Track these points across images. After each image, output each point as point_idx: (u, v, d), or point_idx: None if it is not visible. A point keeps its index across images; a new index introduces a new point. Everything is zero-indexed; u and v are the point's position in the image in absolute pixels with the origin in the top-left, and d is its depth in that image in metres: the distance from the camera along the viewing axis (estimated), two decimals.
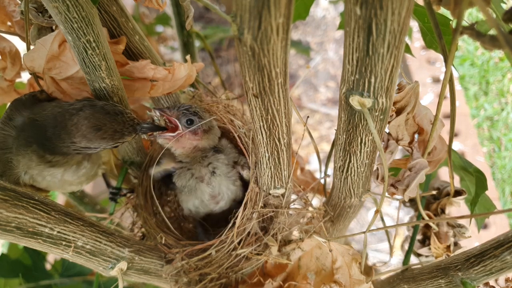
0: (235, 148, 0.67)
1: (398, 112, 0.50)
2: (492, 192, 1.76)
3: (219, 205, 0.66)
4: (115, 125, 0.51)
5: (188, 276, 0.59)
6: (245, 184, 0.66)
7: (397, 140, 0.52)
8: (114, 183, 0.71)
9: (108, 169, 0.68)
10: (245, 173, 0.63)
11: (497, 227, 1.67)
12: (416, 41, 2.12)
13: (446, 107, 0.49)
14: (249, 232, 0.58)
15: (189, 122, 0.59)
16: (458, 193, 0.60)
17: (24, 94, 0.57)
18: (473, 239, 1.45)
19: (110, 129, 0.51)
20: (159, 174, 0.66)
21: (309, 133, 0.59)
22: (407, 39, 0.37)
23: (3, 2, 0.58)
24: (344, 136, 0.45)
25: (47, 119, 0.51)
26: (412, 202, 0.65)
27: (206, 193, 0.64)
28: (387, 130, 0.51)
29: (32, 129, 0.52)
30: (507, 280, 0.54)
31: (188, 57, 0.59)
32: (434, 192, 0.61)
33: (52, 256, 0.90)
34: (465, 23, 0.34)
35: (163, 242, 0.62)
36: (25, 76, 0.63)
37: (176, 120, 0.58)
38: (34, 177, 0.55)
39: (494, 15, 0.52)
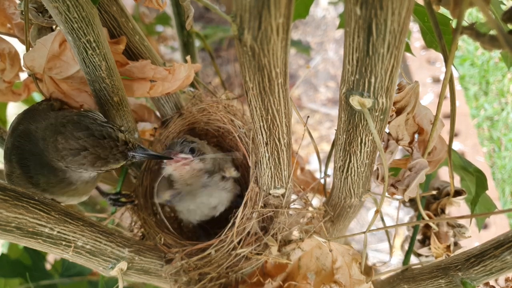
0: (218, 149, 0.70)
1: (398, 112, 0.50)
2: (492, 192, 1.76)
3: (219, 211, 0.68)
4: (98, 151, 0.44)
5: (187, 275, 0.59)
6: (236, 179, 0.69)
7: (397, 140, 0.52)
8: (105, 186, 0.70)
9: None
10: (227, 174, 0.65)
11: (497, 227, 1.67)
12: (416, 41, 2.12)
13: (446, 107, 0.49)
14: (249, 232, 0.58)
15: (191, 151, 0.61)
16: (458, 193, 0.60)
17: (39, 102, 0.55)
18: (473, 239, 1.45)
19: (91, 154, 0.44)
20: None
21: (309, 133, 0.59)
22: (407, 39, 0.37)
23: (3, 4, 0.58)
24: (344, 136, 0.45)
25: (40, 130, 0.48)
26: (412, 202, 0.65)
27: (206, 208, 0.66)
28: (387, 130, 0.51)
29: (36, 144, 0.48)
30: (507, 280, 0.54)
31: (188, 57, 0.59)
32: (434, 192, 0.61)
33: (52, 256, 0.90)
34: (465, 23, 0.34)
35: (162, 242, 0.62)
36: (22, 77, 0.63)
37: (185, 155, 0.60)
38: (54, 196, 0.52)
39: (494, 16, 0.52)
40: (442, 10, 0.39)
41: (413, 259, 0.63)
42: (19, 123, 0.52)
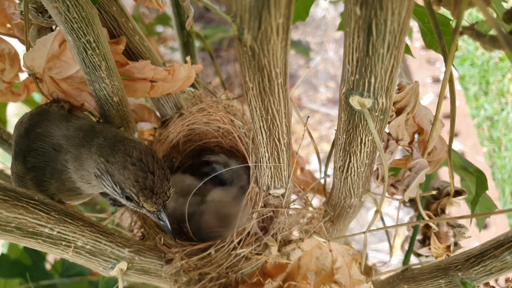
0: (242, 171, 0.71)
1: (398, 112, 0.50)
2: (492, 192, 1.76)
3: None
4: (156, 180, 0.43)
5: (187, 275, 0.59)
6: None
7: (397, 140, 0.52)
8: None
9: None
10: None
11: (497, 227, 1.67)
12: (416, 41, 2.12)
13: (446, 107, 0.49)
14: (249, 232, 0.58)
15: None
16: (458, 193, 0.60)
17: (47, 104, 0.55)
18: (473, 239, 1.45)
19: (146, 179, 0.43)
20: None
21: (309, 133, 0.59)
22: (407, 39, 0.37)
23: (3, 4, 0.58)
24: (344, 136, 0.45)
25: (63, 139, 0.49)
26: (412, 202, 0.65)
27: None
28: (387, 130, 0.51)
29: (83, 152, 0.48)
30: (507, 280, 0.54)
31: (188, 58, 0.59)
32: (434, 192, 0.61)
33: (52, 256, 0.90)
34: (465, 23, 0.33)
35: (162, 242, 0.62)
36: (21, 78, 0.63)
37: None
38: (62, 199, 0.53)
39: (494, 15, 0.52)
40: (442, 10, 0.39)
41: (413, 259, 0.63)
42: (34, 125, 0.51)
